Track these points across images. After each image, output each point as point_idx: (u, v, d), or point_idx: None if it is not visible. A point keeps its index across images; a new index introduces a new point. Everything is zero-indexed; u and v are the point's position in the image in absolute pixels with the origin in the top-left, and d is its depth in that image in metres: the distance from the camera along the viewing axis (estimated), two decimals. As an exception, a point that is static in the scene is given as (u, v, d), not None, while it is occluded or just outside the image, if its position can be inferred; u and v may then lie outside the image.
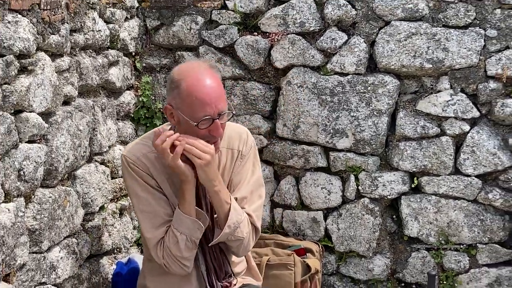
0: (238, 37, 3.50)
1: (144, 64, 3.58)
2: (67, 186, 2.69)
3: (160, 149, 2.43)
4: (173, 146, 2.41)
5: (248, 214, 2.63)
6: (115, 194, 3.16)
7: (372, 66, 3.45)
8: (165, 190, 2.59)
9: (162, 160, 2.51)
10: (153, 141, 2.46)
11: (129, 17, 3.41)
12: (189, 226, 2.48)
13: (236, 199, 2.61)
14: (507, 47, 3.30)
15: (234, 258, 2.78)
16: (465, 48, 3.32)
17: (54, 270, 2.56)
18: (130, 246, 3.32)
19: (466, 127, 3.37)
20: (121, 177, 3.20)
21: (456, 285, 3.43)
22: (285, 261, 3.16)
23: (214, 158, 2.47)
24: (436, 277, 3.30)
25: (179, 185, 2.53)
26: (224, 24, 3.51)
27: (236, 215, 2.56)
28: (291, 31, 3.45)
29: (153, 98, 3.55)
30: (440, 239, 3.43)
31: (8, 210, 2.22)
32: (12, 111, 2.27)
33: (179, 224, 2.48)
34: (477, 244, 3.42)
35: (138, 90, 3.52)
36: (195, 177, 2.50)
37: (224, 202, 2.53)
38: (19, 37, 2.28)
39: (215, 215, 2.62)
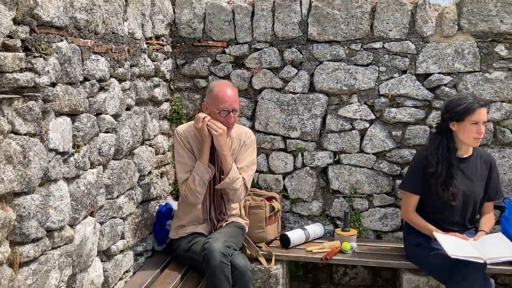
0: (232, 70, 3.47)
1: (175, 86, 3.54)
2: (128, 159, 2.67)
3: (198, 118, 2.60)
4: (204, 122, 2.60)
5: (243, 178, 2.70)
6: (158, 164, 3.15)
7: (312, 88, 3.42)
8: (195, 153, 2.69)
9: (197, 135, 2.67)
10: (196, 116, 2.62)
11: (166, 58, 3.37)
12: (203, 170, 2.62)
13: (237, 168, 2.68)
14: (392, 77, 3.30)
15: (232, 205, 2.83)
16: (367, 78, 3.31)
17: (121, 209, 2.57)
18: (167, 195, 3.31)
19: (367, 125, 3.37)
20: (162, 153, 3.21)
21: (360, 218, 3.44)
22: (259, 204, 3.16)
23: (224, 133, 2.67)
24: (349, 213, 3.30)
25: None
26: (224, 63, 3.47)
27: (235, 173, 2.67)
28: (264, 67, 3.42)
29: (181, 107, 3.51)
30: (351, 191, 3.43)
31: (93, 173, 2.24)
32: (95, 114, 2.27)
33: (197, 169, 2.63)
34: (373, 194, 3.41)
35: (172, 102, 3.49)
36: (211, 145, 2.63)
37: (228, 163, 2.67)
38: (99, 69, 2.27)
39: (222, 176, 2.69)
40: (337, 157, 3.42)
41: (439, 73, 3.21)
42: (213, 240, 2.46)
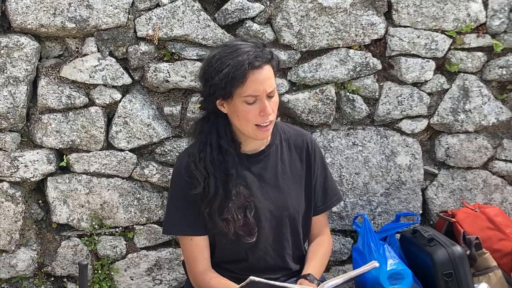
0: None
1: None
2: None
3: None
4: None
5: None
6: None
7: (5, 25, 1.83)
8: None
9: None
10: None
11: None
12: None
13: None
14: (158, 5, 1.86)
15: None
16: (111, 6, 1.83)
17: None
18: None
19: (118, 96, 1.90)
20: None
21: (112, 273, 1.93)
22: None
23: None
24: (90, 266, 1.81)
25: None
26: None
27: None
28: None
29: None
30: (93, 223, 1.91)
31: None
32: None
33: None
34: (135, 226, 1.95)
35: None
36: None
37: None
38: None
39: None
40: (64, 160, 1.91)
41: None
42: None
